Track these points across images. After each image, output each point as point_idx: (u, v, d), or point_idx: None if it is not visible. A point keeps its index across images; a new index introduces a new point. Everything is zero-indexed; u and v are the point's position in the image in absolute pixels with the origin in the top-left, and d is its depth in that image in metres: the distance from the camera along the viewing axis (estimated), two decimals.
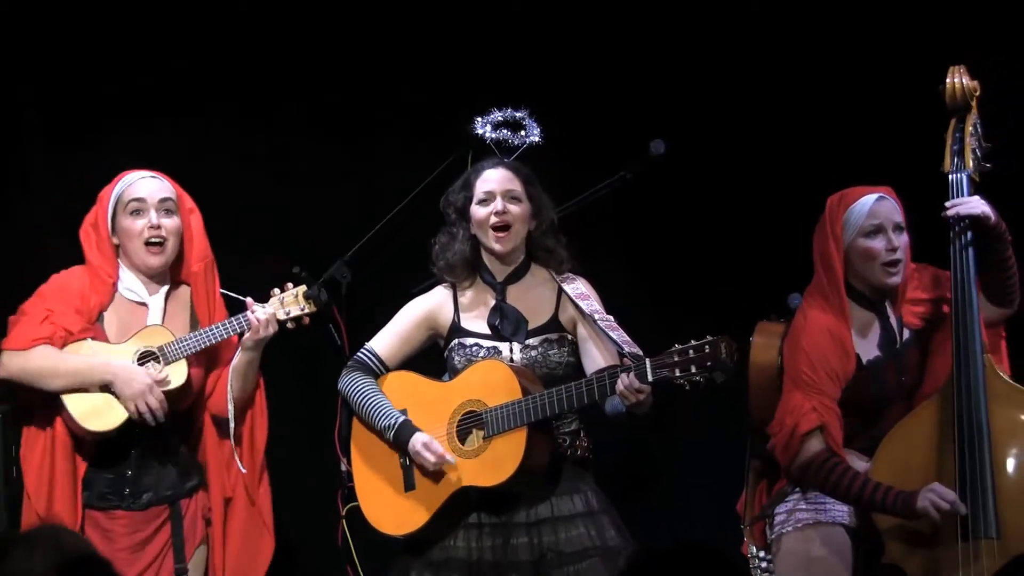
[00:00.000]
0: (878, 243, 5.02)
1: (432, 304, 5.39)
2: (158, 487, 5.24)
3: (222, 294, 5.36)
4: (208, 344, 5.24)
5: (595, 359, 5.18)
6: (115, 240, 5.27)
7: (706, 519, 6.33)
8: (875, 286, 5.06)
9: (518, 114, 5.43)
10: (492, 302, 5.32)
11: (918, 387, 5.10)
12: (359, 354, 5.41)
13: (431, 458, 5.15)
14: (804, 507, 5.10)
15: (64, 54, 6.79)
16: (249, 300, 5.28)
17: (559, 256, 5.32)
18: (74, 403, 5.14)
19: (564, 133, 5.73)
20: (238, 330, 5.24)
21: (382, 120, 6.96)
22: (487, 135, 5.43)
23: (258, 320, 5.22)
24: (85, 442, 5.21)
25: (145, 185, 5.28)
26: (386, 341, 5.39)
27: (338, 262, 5.99)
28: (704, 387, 4.88)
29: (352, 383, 5.35)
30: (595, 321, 5.14)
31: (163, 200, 5.27)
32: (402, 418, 5.24)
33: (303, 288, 5.36)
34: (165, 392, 5.16)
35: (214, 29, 6.87)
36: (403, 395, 5.31)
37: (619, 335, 5.06)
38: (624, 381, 4.91)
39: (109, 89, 6.79)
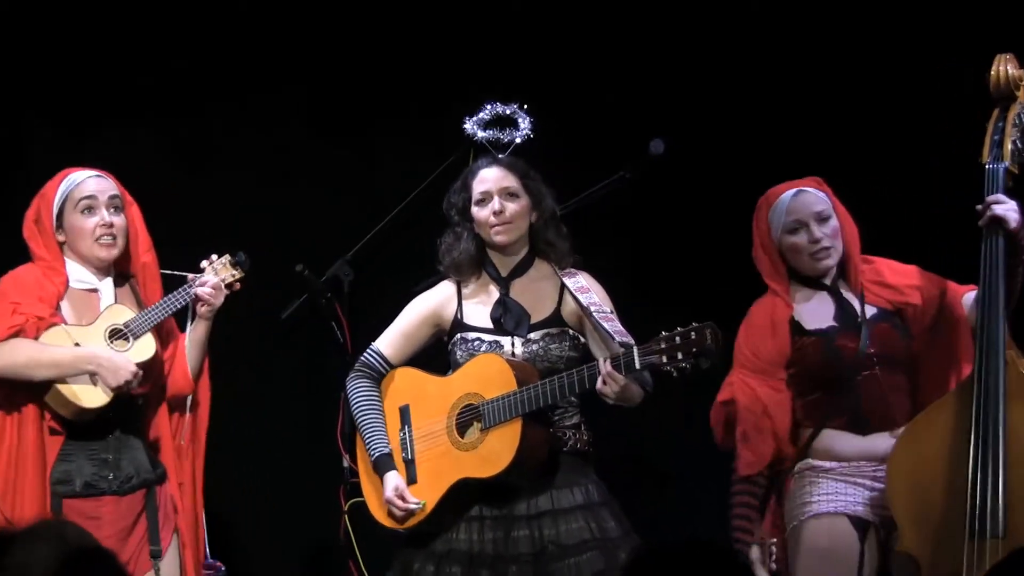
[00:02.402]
0: (800, 238, 5.13)
1: (436, 301, 5.42)
2: (139, 470, 5.31)
3: (163, 273, 5.46)
4: (167, 314, 5.34)
5: (601, 352, 5.22)
6: (60, 237, 5.34)
7: (707, 512, 6.33)
8: (812, 274, 5.21)
9: (508, 110, 5.44)
10: (496, 296, 5.37)
11: (900, 361, 5.13)
12: (366, 355, 5.45)
13: (398, 505, 5.27)
14: (808, 499, 5.12)
15: (65, 55, 6.82)
16: (191, 275, 5.40)
17: (561, 249, 5.34)
18: (64, 384, 5.21)
19: (565, 133, 5.77)
20: (187, 300, 5.36)
21: (383, 121, 6.97)
22: (478, 135, 5.44)
23: (208, 290, 5.36)
24: (63, 426, 5.27)
25: (94, 183, 5.34)
26: (391, 340, 5.43)
27: (340, 261, 6.09)
28: (691, 373, 4.93)
29: (354, 395, 5.42)
30: (591, 313, 5.19)
31: (112, 197, 5.33)
32: (385, 451, 5.33)
33: (228, 257, 5.45)
34: (139, 365, 5.27)
35: (215, 29, 6.90)
36: (405, 390, 5.37)
37: (612, 325, 5.11)
38: (603, 368, 5.01)
39: (110, 89, 6.82)
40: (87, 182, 5.33)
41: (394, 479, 5.30)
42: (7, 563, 3.28)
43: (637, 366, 4.98)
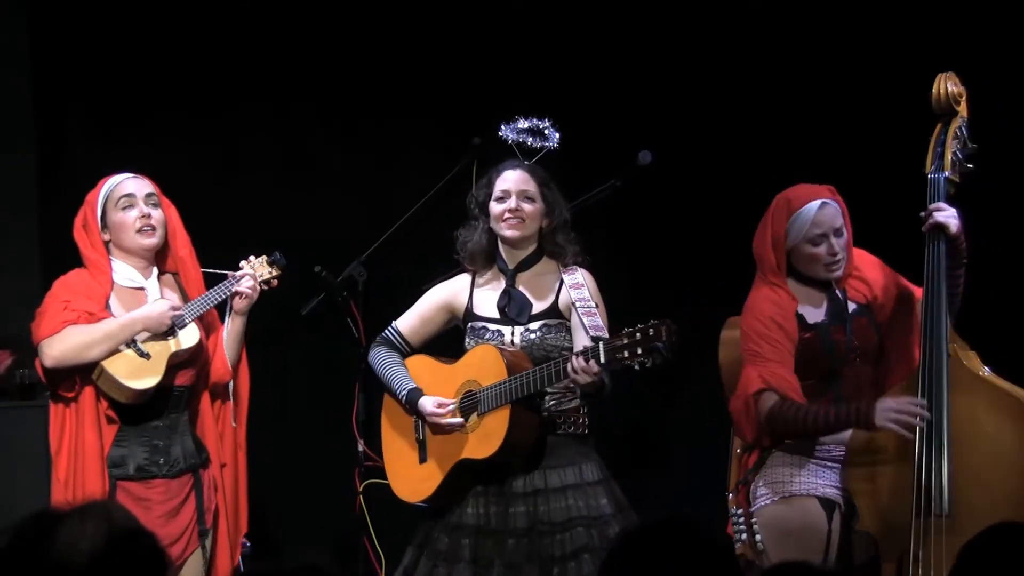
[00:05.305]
0: (821, 250, 5.16)
1: (452, 290, 5.62)
2: (186, 456, 5.49)
3: (205, 272, 5.65)
4: (209, 307, 5.52)
5: (579, 344, 5.39)
6: (105, 236, 5.51)
7: (706, 497, 6.44)
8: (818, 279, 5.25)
9: (541, 124, 5.61)
10: (503, 287, 5.55)
11: (872, 354, 5.25)
12: (385, 331, 5.68)
13: (440, 416, 5.46)
14: (777, 480, 5.22)
15: (102, 68, 7.02)
16: (230, 273, 5.60)
17: (567, 251, 5.53)
18: (116, 368, 5.38)
19: (563, 145, 5.88)
20: (227, 294, 5.56)
21: (395, 136, 7.12)
22: (509, 137, 5.58)
23: (248, 285, 5.57)
24: (119, 414, 5.43)
25: (132, 183, 5.53)
26: (408, 321, 5.66)
27: (355, 262, 6.26)
28: (651, 367, 5.08)
29: (376, 356, 5.63)
30: (576, 308, 5.39)
31: (149, 195, 5.52)
32: (412, 385, 5.53)
33: (264, 256, 5.68)
34: (183, 352, 5.44)
35: (239, 37, 7.06)
36: (419, 375, 5.61)
37: (591, 320, 5.32)
38: (574, 362, 5.18)
39: (143, 101, 7.02)
40: (125, 182, 5.53)
41: (429, 401, 5.48)
42: (59, 539, 3.30)
43: (603, 359, 5.14)
